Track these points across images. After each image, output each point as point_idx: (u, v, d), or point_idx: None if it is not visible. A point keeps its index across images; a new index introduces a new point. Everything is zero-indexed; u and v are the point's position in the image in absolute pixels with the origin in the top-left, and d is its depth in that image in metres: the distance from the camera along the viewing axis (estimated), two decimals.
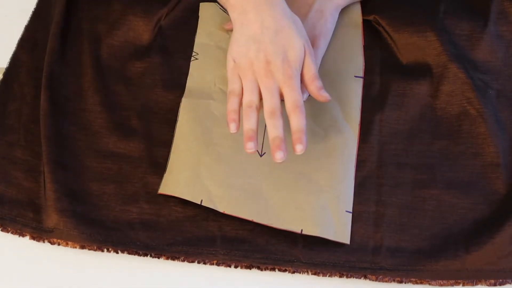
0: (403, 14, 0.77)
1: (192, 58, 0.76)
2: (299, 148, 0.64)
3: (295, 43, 0.67)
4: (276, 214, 0.66)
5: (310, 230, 0.65)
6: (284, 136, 0.64)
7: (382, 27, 0.77)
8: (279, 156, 0.63)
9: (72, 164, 0.71)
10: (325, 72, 0.74)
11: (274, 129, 0.64)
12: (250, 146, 0.64)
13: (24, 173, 0.70)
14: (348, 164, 0.69)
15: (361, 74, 0.75)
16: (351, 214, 0.67)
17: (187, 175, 0.68)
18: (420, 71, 0.75)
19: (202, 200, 0.67)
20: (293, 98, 0.65)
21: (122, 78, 0.76)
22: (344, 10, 0.77)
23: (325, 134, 0.71)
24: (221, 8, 0.79)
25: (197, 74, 0.75)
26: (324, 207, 0.67)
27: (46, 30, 0.80)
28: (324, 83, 0.68)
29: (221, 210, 0.66)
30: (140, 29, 0.79)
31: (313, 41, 0.73)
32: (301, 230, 0.65)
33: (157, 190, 0.69)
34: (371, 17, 0.78)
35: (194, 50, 0.77)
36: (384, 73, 0.75)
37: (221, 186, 0.68)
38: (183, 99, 0.73)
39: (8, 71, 0.77)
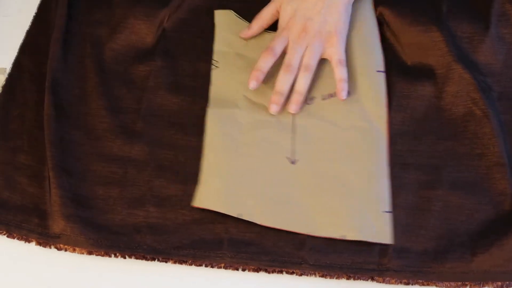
0: (409, 13, 0.77)
1: (212, 67, 0.76)
2: (294, 108, 0.71)
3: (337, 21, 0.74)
4: (315, 223, 0.66)
5: (351, 235, 0.65)
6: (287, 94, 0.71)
7: (387, 24, 0.78)
8: (274, 109, 0.71)
9: (77, 168, 0.70)
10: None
11: (283, 83, 0.72)
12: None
13: (28, 178, 0.70)
14: (381, 163, 0.69)
15: (383, 68, 0.74)
16: (390, 214, 0.67)
17: (221, 188, 0.67)
18: (424, 72, 0.75)
19: (239, 214, 0.66)
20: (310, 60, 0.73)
21: (126, 82, 0.76)
22: (356, 2, 0.77)
23: (354, 135, 0.70)
24: (237, 15, 0.79)
25: (220, 83, 0.75)
26: (362, 209, 0.66)
27: (48, 35, 0.79)
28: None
29: (259, 222, 0.66)
30: (142, 32, 0.79)
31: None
32: (343, 236, 0.65)
33: (163, 193, 0.69)
34: (376, 13, 0.78)
35: (214, 58, 0.76)
36: (389, 74, 0.75)
37: (256, 197, 0.67)
38: (209, 110, 0.72)
39: (11, 76, 0.77)
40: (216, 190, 0.67)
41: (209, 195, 0.67)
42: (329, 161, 0.67)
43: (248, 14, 0.79)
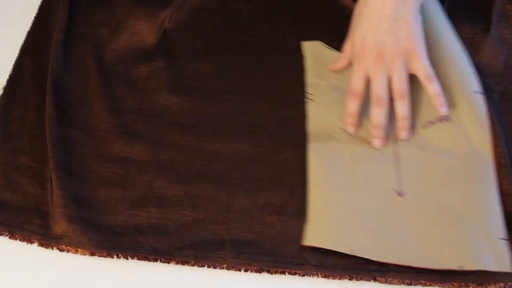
0: None
1: (307, 100, 0.74)
2: (405, 134, 0.70)
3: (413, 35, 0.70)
4: (430, 255, 0.64)
5: (469, 265, 0.63)
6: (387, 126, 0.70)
7: None
8: (378, 143, 0.70)
9: (79, 169, 0.70)
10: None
11: (380, 117, 0.70)
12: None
13: (29, 179, 0.70)
14: (491, 190, 0.67)
15: (480, 88, 0.71)
16: (506, 241, 0.64)
17: (331, 225, 0.66)
18: None
19: (353, 250, 0.65)
20: (401, 84, 0.70)
21: (127, 82, 0.76)
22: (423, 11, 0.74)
23: (461, 164, 0.68)
24: (326, 45, 0.78)
25: (317, 116, 0.73)
26: (477, 238, 0.64)
27: (49, 35, 0.79)
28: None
29: (374, 259, 0.64)
30: (143, 33, 0.79)
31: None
32: (460, 267, 0.63)
33: (165, 193, 0.69)
34: None
35: (308, 91, 0.75)
36: None
37: (368, 233, 0.65)
38: (310, 145, 0.71)
39: (11, 77, 0.77)
40: (327, 227, 0.66)
41: (320, 233, 0.66)
42: (437, 190, 0.66)
43: (252, 15, 0.78)
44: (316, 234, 0.66)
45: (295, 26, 0.81)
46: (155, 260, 0.66)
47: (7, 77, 0.77)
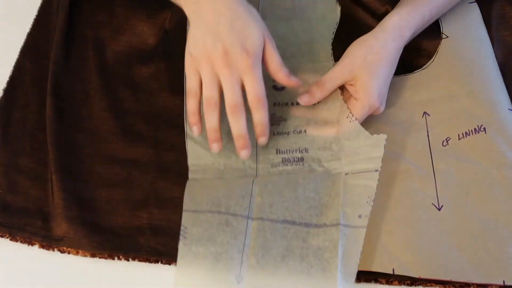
0: None
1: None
2: (262, 140, 0.65)
3: (253, 31, 0.63)
4: (473, 269, 0.63)
5: None
6: (247, 133, 0.64)
7: None
8: (244, 153, 0.65)
9: (80, 171, 0.70)
10: (476, 103, 0.71)
11: (237, 126, 0.63)
12: (214, 147, 0.65)
13: (31, 181, 0.70)
14: None
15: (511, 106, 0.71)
16: None
17: (372, 247, 0.65)
18: None
19: (394, 270, 0.63)
20: (255, 90, 0.63)
21: (128, 83, 0.76)
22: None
23: (498, 173, 0.67)
24: None
25: None
26: None
27: (48, 37, 0.80)
28: (478, 119, 0.69)
29: (416, 276, 0.63)
30: (144, 34, 0.78)
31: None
32: (504, 282, 0.62)
33: (166, 194, 0.69)
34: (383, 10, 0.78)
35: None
36: None
37: (408, 250, 0.64)
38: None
39: (12, 79, 0.77)
40: (369, 250, 0.64)
41: (362, 257, 0.63)
42: (476, 202, 0.65)
43: None
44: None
45: None
46: (156, 261, 0.66)
47: (7, 79, 0.77)
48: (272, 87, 0.73)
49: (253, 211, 0.64)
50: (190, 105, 0.66)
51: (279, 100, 0.71)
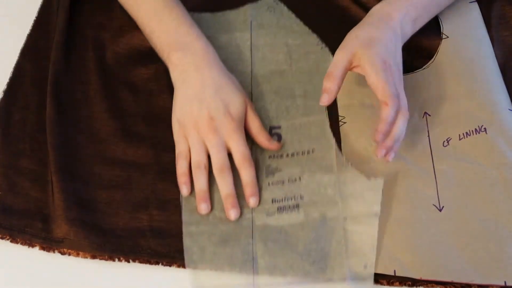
0: None
1: (340, 123, 0.73)
2: (253, 201, 0.67)
3: (235, 97, 0.69)
4: (474, 270, 0.62)
5: None
6: (235, 193, 0.67)
7: None
8: (233, 214, 0.66)
9: (80, 172, 0.70)
10: (476, 103, 0.71)
11: (225, 187, 0.67)
12: (203, 208, 0.67)
13: (31, 182, 0.70)
14: None
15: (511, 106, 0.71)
16: None
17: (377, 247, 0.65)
18: None
19: (395, 271, 0.63)
20: (240, 151, 0.68)
21: (128, 85, 0.76)
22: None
23: (498, 173, 0.67)
24: None
25: (350, 139, 0.71)
26: None
27: (49, 38, 0.80)
28: (479, 119, 0.69)
29: (417, 277, 0.63)
30: (144, 35, 0.78)
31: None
32: (505, 282, 0.62)
33: (166, 196, 0.69)
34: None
35: (340, 114, 0.73)
36: None
37: (409, 252, 0.64)
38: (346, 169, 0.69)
39: (12, 80, 0.77)
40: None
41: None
42: (477, 203, 0.65)
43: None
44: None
45: None
46: (157, 263, 0.66)
47: (7, 80, 0.77)
48: None
49: (257, 271, 0.64)
50: (180, 167, 0.68)
51: (274, 152, 0.72)
